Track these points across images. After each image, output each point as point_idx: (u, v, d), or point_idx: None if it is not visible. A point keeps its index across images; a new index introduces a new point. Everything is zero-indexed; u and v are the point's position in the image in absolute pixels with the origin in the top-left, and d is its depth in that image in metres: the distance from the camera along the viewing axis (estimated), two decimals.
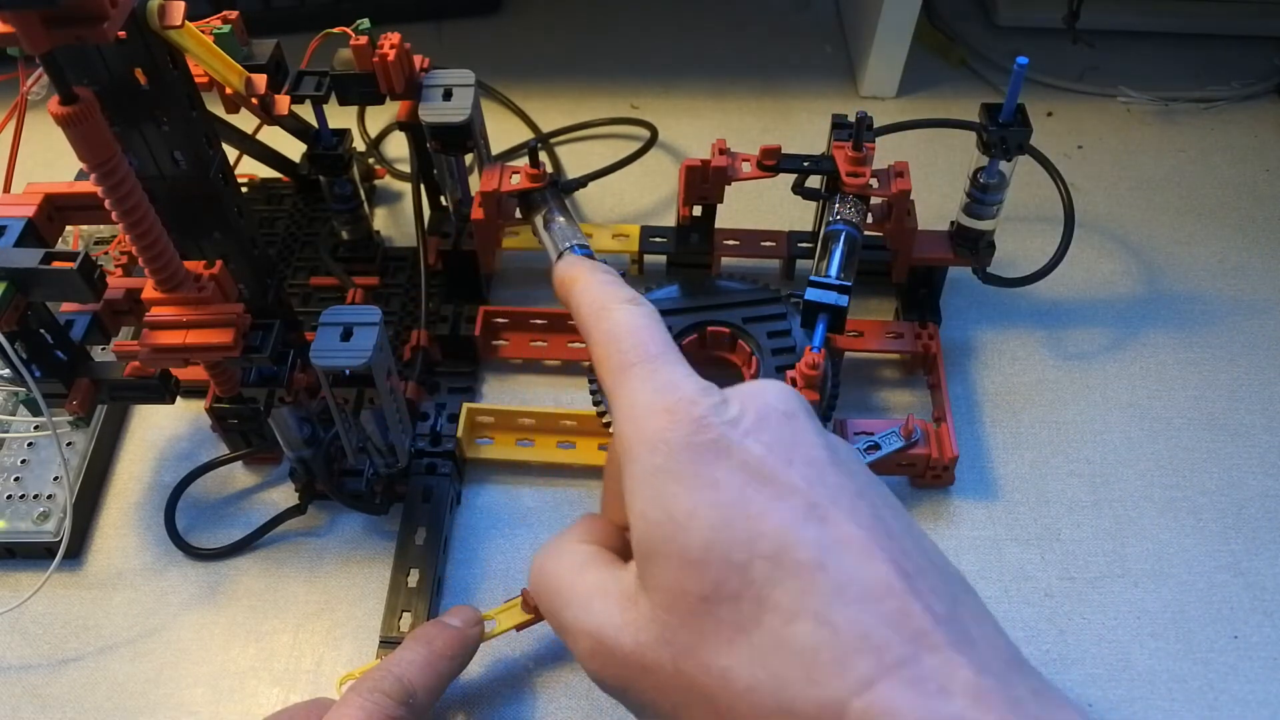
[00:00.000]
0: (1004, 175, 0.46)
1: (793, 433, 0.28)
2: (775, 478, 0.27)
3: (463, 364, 0.51)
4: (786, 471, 0.27)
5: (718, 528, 0.26)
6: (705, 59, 0.69)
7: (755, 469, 0.27)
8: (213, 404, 0.44)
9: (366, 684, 0.35)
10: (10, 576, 0.45)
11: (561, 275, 0.37)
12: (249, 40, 0.44)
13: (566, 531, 0.33)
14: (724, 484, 0.27)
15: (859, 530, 0.26)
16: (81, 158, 0.33)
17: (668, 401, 0.28)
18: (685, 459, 0.27)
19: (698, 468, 0.27)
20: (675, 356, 0.31)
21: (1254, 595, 0.43)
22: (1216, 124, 0.64)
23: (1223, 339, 0.53)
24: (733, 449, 0.27)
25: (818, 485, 0.27)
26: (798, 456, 0.27)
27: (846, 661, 0.24)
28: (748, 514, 0.26)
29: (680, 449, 0.27)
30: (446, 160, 0.49)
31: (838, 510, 0.26)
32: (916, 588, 0.25)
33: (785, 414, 0.29)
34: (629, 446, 0.29)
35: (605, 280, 0.35)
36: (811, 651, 0.24)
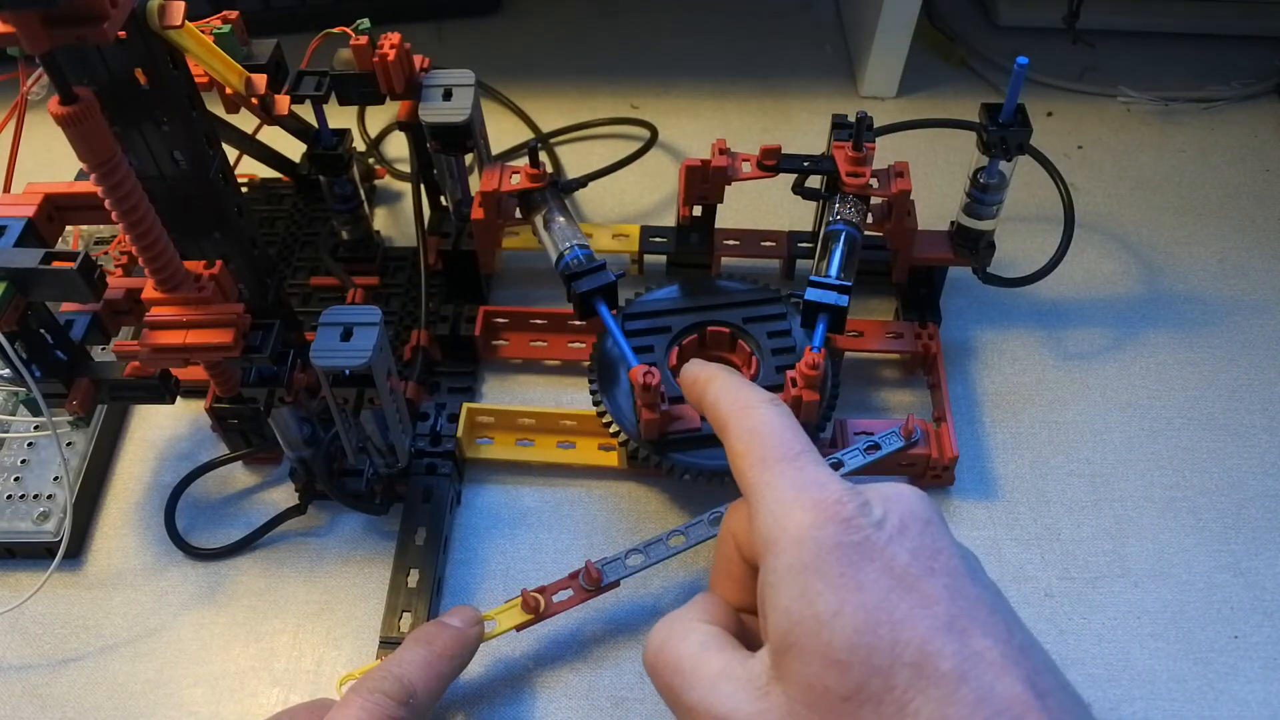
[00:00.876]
0: (1004, 175, 0.46)
1: (933, 540, 0.29)
2: (919, 586, 0.28)
3: (463, 364, 0.51)
4: (929, 580, 0.28)
5: (863, 630, 0.27)
6: (705, 59, 0.69)
7: (900, 575, 0.28)
8: (213, 404, 0.44)
9: (367, 684, 0.35)
10: (10, 576, 0.45)
11: (695, 375, 0.38)
12: (249, 40, 0.44)
13: (685, 609, 0.33)
14: (870, 587, 0.27)
15: (996, 645, 0.27)
16: (81, 158, 0.33)
17: (815, 499, 0.30)
18: (833, 558, 0.28)
19: (845, 568, 0.28)
20: (817, 457, 0.32)
21: (1254, 595, 0.43)
22: (1216, 124, 0.64)
23: (1223, 339, 0.53)
24: (879, 552, 0.28)
25: (958, 597, 0.28)
26: (939, 566, 0.28)
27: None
28: (892, 619, 0.27)
29: (828, 548, 0.28)
30: (446, 160, 0.49)
31: (975, 624, 0.27)
32: (1049, 706, 0.26)
33: (926, 520, 0.30)
34: (772, 540, 0.29)
35: (743, 381, 0.37)
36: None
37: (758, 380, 0.45)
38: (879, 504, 0.30)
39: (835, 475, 0.31)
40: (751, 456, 0.32)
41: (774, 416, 0.34)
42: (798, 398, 0.42)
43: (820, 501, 0.29)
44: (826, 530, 0.29)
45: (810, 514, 0.29)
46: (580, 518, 0.46)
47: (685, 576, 0.44)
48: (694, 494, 0.44)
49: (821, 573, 0.28)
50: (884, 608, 0.27)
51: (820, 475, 0.31)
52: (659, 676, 0.32)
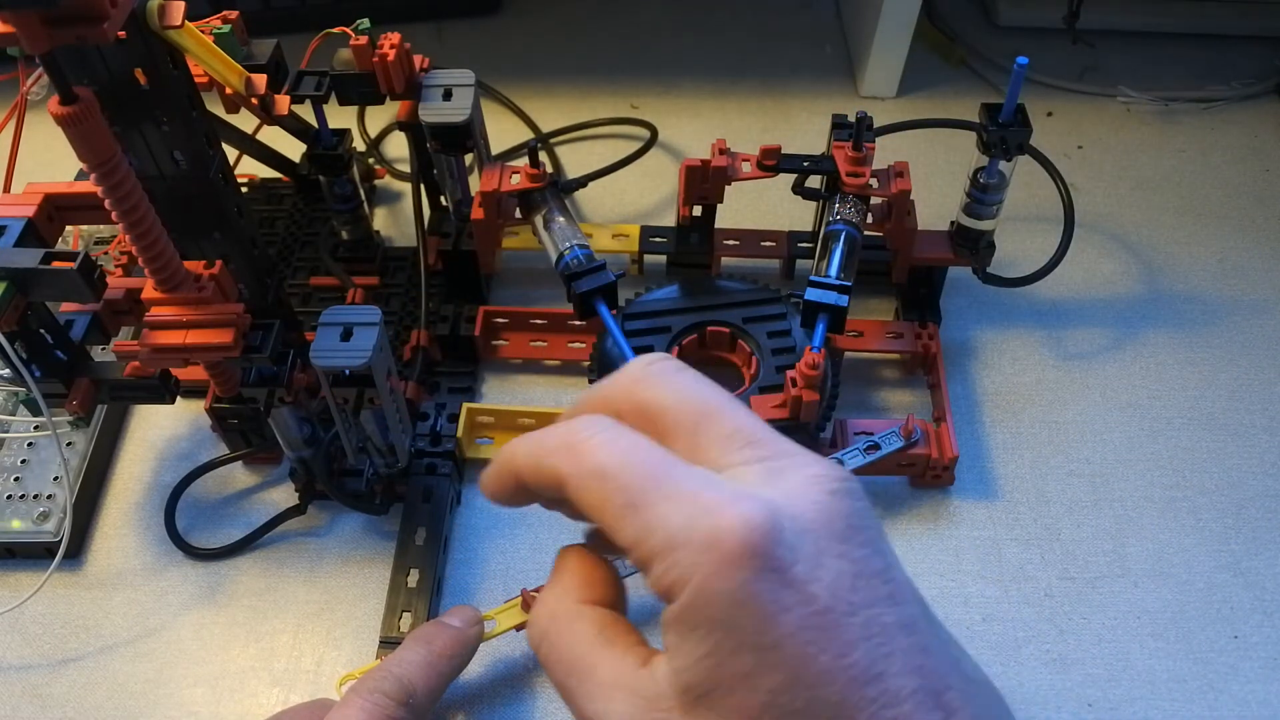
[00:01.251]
0: (1004, 175, 0.46)
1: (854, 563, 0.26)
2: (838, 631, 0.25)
3: (463, 364, 0.51)
4: (848, 622, 0.25)
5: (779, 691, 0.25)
6: (705, 59, 0.69)
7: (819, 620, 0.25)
8: (213, 404, 0.44)
9: (367, 684, 0.35)
10: (10, 576, 0.45)
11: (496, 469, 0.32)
12: (249, 40, 0.44)
13: (564, 585, 0.30)
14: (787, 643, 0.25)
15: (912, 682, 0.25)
16: (81, 158, 0.33)
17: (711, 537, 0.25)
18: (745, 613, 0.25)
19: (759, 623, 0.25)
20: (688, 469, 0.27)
21: (1254, 595, 0.43)
22: (1216, 124, 0.64)
23: (1223, 339, 0.53)
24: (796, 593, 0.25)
25: (874, 634, 0.26)
26: (859, 598, 0.26)
27: None
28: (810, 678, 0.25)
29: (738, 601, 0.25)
30: (446, 160, 0.49)
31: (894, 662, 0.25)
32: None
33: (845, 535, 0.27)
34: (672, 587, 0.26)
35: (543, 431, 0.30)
36: None
37: (757, 380, 0.45)
38: (790, 527, 0.26)
39: (722, 484, 0.26)
40: (612, 507, 0.26)
41: (612, 441, 0.27)
42: (798, 397, 0.42)
43: (717, 539, 0.25)
44: (736, 574, 0.25)
45: (711, 556, 0.25)
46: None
47: None
48: None
49: (735, 630, 0.25)
50: (803, 663, 0.25)
51: (707, 495, 0.26)
52: (552, 673, 0.29)
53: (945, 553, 0.45)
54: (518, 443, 0.30)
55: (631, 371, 0.30)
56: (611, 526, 0.27)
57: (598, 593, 0.30)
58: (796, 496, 0.26)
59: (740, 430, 0.28)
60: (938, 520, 0.46)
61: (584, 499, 0.27)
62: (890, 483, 0.47)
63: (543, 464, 0.29)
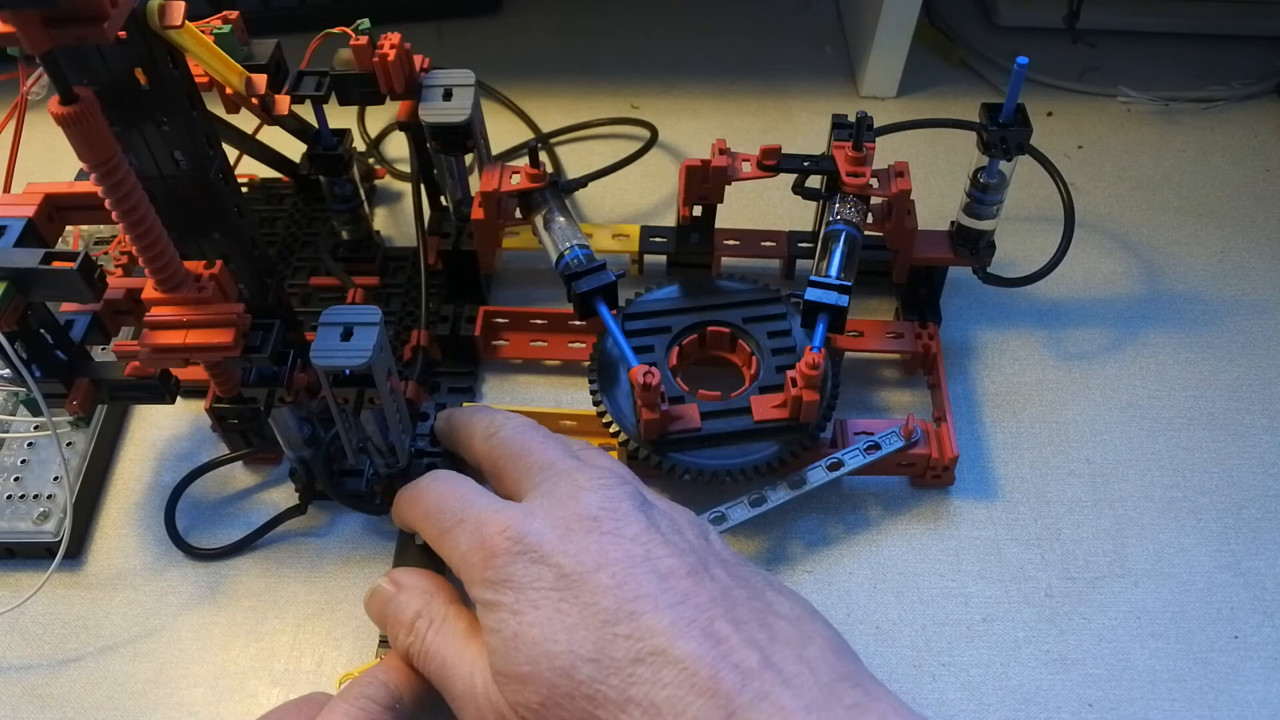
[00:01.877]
0: (1004, 175, 0.46)
1: (599, 537, 0.32)
2: (586, 583, 0.31)
3: (463, 364, 0.51)
4: (596, 576, 0.31)
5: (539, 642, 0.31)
6: (705, 59, 0.69)
7: (569, 580, 0.31)
8: (213, 404, 0.44)
9: (354, 690, 0.35)
10: (10, 576, 0.45)
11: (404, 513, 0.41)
12: (249, 40, 0.44)
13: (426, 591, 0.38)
14: (540, 603, 0.31)
15: (668, 615, 0.30)
16: (81, 158, 0.33)
17: (472, 556, 0.34)
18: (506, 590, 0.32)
19: (516, 593, 0.32)
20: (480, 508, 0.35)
21: (1254, 595, 0.43)
22: (1216, 124, 0.64)
23: (1223, 339, 0.53)
24: (547, 565, 0.32)
25: (629, 580, 0.31)
26: (608, 557, 0.31)
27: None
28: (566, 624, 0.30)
29: (500, 582, 0.32)
30: (446, 160, 0.49)
31: (646, 602, 0.30)
32: (730, 649, 0.29)
33: (592, 518, 0.33)
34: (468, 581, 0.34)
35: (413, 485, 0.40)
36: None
37: (758, 380, 0.45)
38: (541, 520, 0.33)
39: (502, 506, 0.35)
40: (434, 538, 0.37)
41: (437, 486, 0.38)
42: (798, 398, 0.42)
43: (484, 542, 0.33)
44: (494, 569, 0.32)
45: (481, 556, 0.33)
46: None
47: None
48: (694, 494, 0.44)
49: (499, 606, 0.32)
50: (557, 618, 0.31)
51: (485, 515, 0.34)
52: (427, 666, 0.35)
53: (945, 553, 0.45)
54: (403, 490, 0.40)
55: (489, 425, 0.40)
56: (441, 553, 0.36)
57: (452, 593, 0.37)
58: (558, 498, 0.34)
59: (539, 463, 0.36)
60: (938, 520, 0.46)
61: (424, 534, 0.37)
62: (890, 483, 0.47)
63: (403, 514, 0.40)
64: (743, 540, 0.45)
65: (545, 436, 0.39)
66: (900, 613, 0.43)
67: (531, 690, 0.30)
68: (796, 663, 0.29)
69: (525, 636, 0.31)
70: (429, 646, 0.35)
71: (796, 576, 0.44)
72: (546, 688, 0.30)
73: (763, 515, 0.43)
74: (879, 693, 0.29)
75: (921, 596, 0.43)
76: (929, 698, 0.40)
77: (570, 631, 0.30)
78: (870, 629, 0.42)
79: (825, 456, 0.44)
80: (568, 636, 0.30)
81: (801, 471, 0.44)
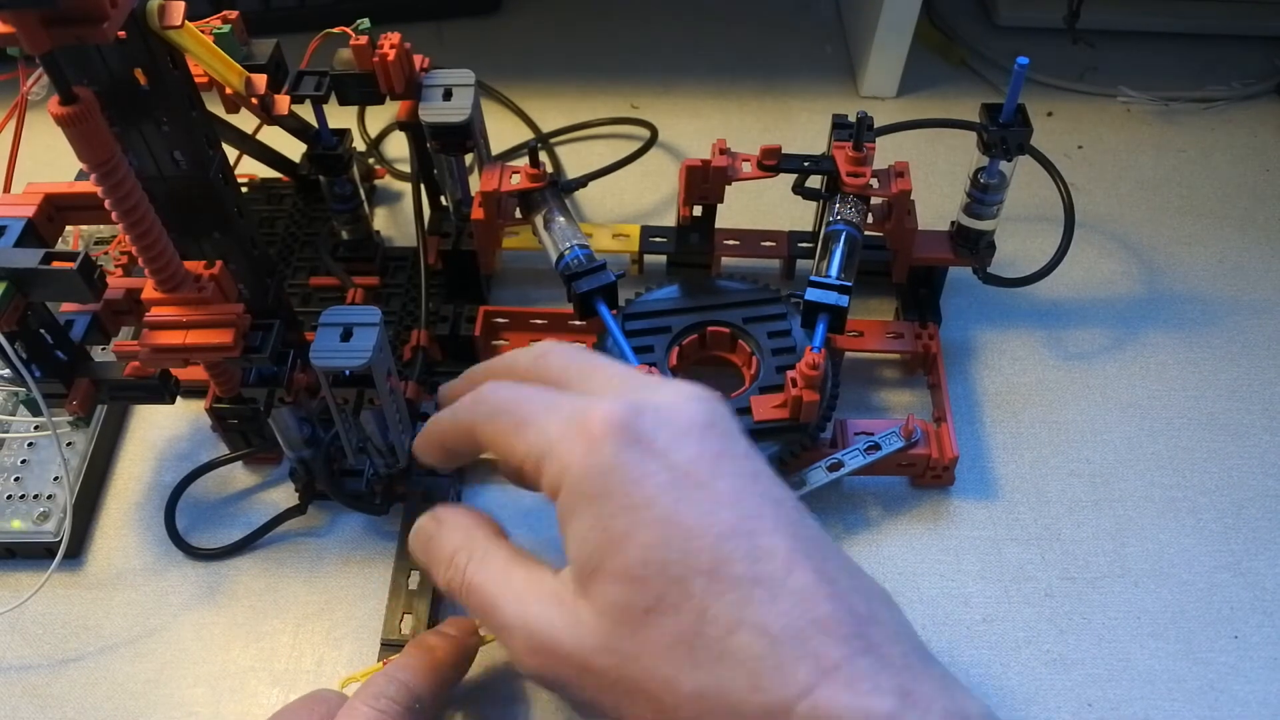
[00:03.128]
0: (1004, 175, 0.46)
1: (715, 444, 0.30)
2: (704, 491, 0.28)
3: (463, 364, 0.50)
4: (714, 485, 0.29)
5: (655, 546, 0.28)
6: (705, 59, 0.69)
7: (684, 482, 0.28)
8: (213, 404, 0.44)
9: (372, 689, 0.35)
10: (10, 576, 0.45)
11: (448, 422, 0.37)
12: (249, 40, 0.44)
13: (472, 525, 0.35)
14: (656, 501, 0.28)
15: (784, 541, 0.28)
16: (81, 158, 0.33)
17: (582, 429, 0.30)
18: (616, 481, 0.29)
19: (629, 487, 0.28)
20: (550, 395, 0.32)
21: (1254, 595, 0.43)
22: (1216, 124, 0.64)
23: (1223, 339, 0.53)
24: (660, 461, 0.29)
25: (745, 498, 0.29)
26: (723, 469, 0.29)
27: (787, 669, 0.26)
28: (683, 531, 0.28)
29: (608, 471, 0.29)
30: (446, 160, 0.49)
31: (763, 523, 0.28)
32: (840, 592, 0.27)
33: (706, 425, 0.30)
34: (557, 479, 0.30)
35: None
36: (754, 660, 0.26)
37: (758, 380, 0.45)
38: (651, 415, 0.30)
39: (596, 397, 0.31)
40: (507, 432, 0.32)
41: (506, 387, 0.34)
42: (798, 398, 0.42)
43: (587, 427, 0.29)
44: (603, 451, 0.29)
45: (582, 440, 0.29)
46: None
47: None
48: None
49: (608, 497, 0.28)
50: (674, 520, 0.28)
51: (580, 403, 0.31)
52: (470, 601, 0.33)
53: (945, 553, 0.45)
54: (439, 414, 0.36)
55: (532, 351, 0.36)
56: (509, 449, 0.32)
57: (494, 528, 0.35)
58: (663, 398, 0.31)
59: (620, 374, 0.33)
60: (938, 520, 0.46)
61: (488, 435, 0.33)
62: (890, 483, 0.47)
63: (458, 420, 0.35)
64: None
65: (607, 357, 0.35)
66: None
67: (638, 593, 0.28)
68: (893, 623, 0.29)
69: (638, 538, 0.28)
70: (470, 579, 0.33)
71: None
72: (654, 596, 0.27)
73: None
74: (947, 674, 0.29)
75: (921, 597, 0.43)
76: None
77: (687, 538, 0.27)
78: None
79: (825, 457, 0.44)
80: (684, 544, 0.27)
81: (801, 472, 0.44)
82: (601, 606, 0.28)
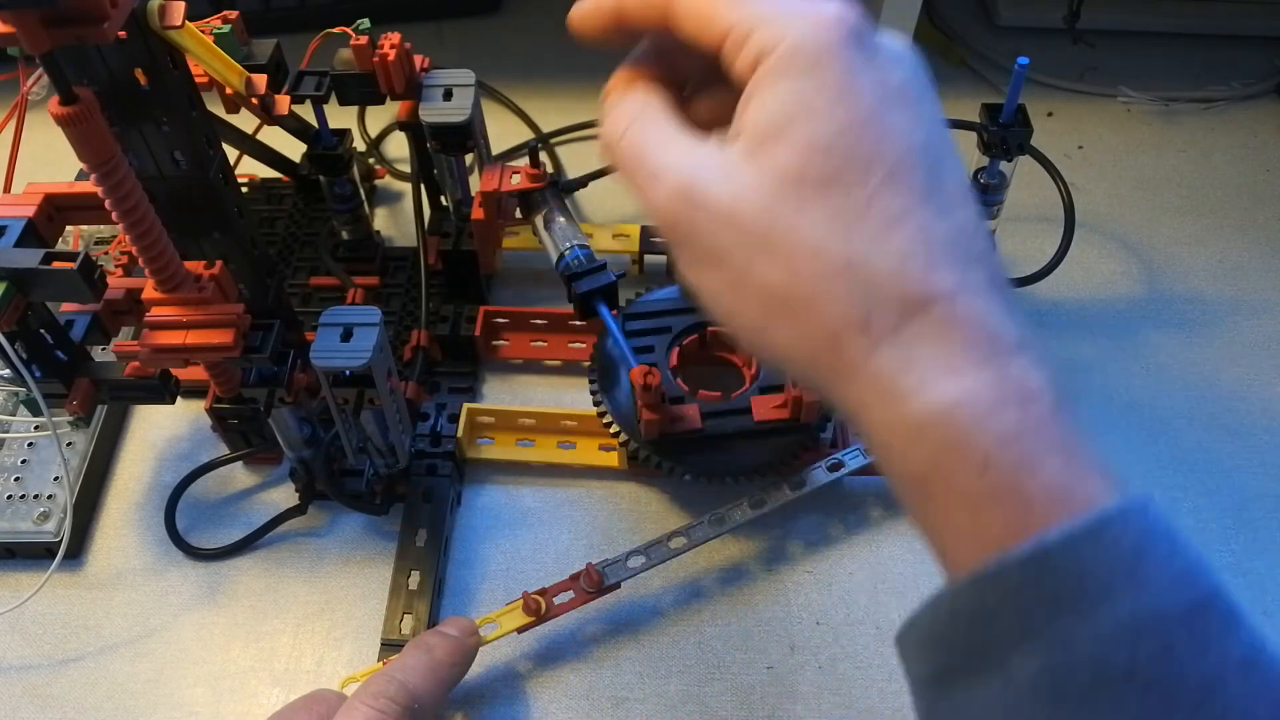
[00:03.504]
0: (1004, 175, 0.46)
1: (925, 82, 0.30)
2: (909, 109, 0.29)
3: (463, 364, 0.51)
4: (917, 107, 0.29)
5: (853, 127, 0.28)
6: None
7: (895, 95, 0.29)
8: (213, 404, 0.44)
9: (371, 689, 0.35)
10: (10, 576, 0.45)
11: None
12: (249, 40, 0.44)
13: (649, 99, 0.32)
14: (866, 95, 0.28)
15: (960, 178, 0.29)
16: (81, 158, 0.33)
17: (815, 10, 0.29)
18: (835, 61, 0.28)
19: (845, 73, 0.28)
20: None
21: (1254, 595, 0.43)
22: (1216, 124, 0.64)
23: (1223, 339, 0.53)
24: (878, 70, 0.29)
25: (937, 125, 0.30)
26: (927, 95, 0.30)
27: (936, 271, 0.26)
28: (881, 128, 0.28)
29: (831, 51, 0.28)
30: (446, 160, 0.49)
31: (949, 159, 0.29)
32: (989, 245, 0.28)
33: (920, 65, 0.31)
34: (770, 46, 0.28)
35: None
36: (908, 254, 0.27)
37: (758, 380, 0.45)
38: (878, 34, 0.30)
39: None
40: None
41: None
42: (798, 398, 0.42)
43: (818, 12, 0.29)
44: (831, 34, 0.28)
45: (811, 20, 0.28)
46: (581, 518, 0.46)
47: (685, 576, 0.44)
48: (694, 494, 0.44)
49: (821, 74, 0.28)
50: (876, 116, 0.28)
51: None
52: (619, 152, 0.31)
53: None
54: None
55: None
56: (713, 14, 0.29)
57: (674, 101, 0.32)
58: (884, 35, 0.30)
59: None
60: None
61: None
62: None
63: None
64: (743, 540, 0.45)
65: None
66: (901, 613, 0.43)
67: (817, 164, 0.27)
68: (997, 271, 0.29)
69: (836, 116, 0.28)
70: (630, 135, 0.31)
71: (796, 576, 0.44)
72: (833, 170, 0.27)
73: (763, 515, 0.43)
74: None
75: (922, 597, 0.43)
76: None
77: (881, 136, 0.28)
78: (871, 629, 0.42)
79: (826, 457, 0.44)
80: (877, 137, 0.28)
81: (802, 472, 0.44)
82: (772, 168, 0.28)
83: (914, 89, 0.30)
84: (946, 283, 0.26)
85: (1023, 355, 0.26)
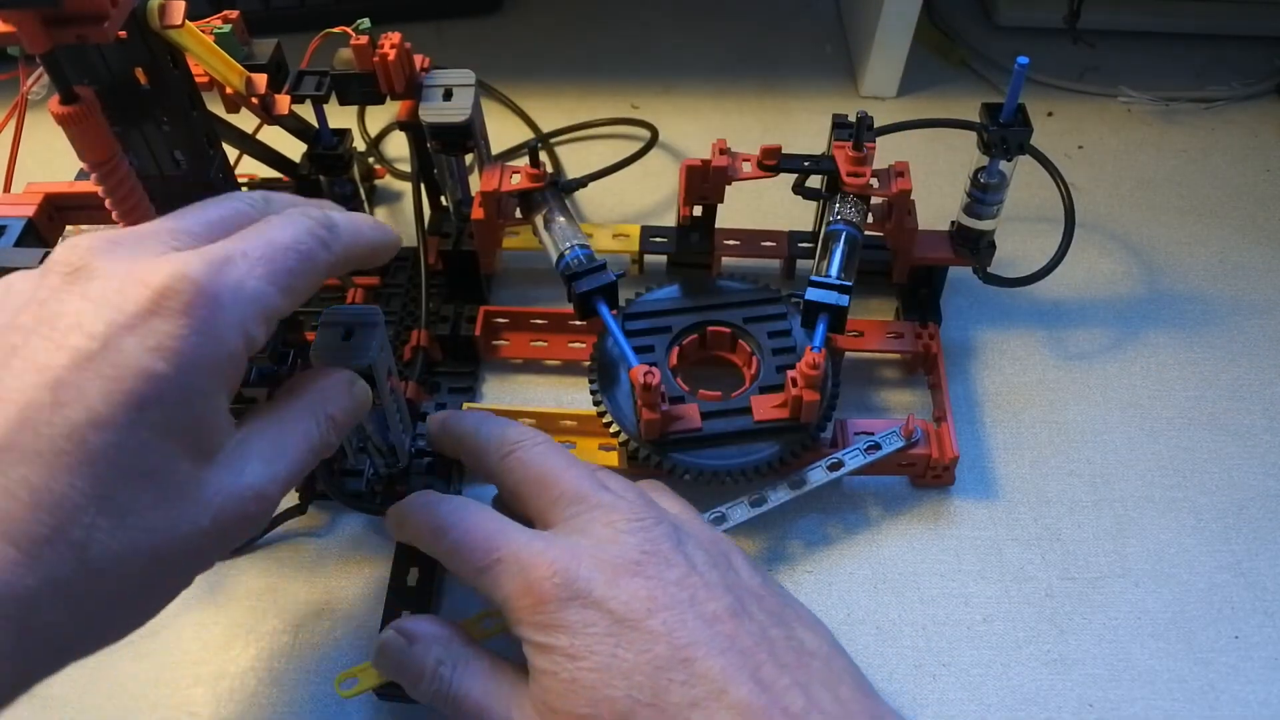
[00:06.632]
0: (1004, 175, 0.46)
1: (649, 581, 0.33)
2: (639, 629, 0.32)
3: (463, 364, 0.51)
4: (649, 622, 0.32)
5: (597, 688, 0.32)
6: (705, 59, 0.69)
7: (620, 623, 0.32)
8: None
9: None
10: None
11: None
12: (249, 40, 0.44)
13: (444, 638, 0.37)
14: (595, 650, 0.32)
15: (719, 660, 0.32)
16: (81, 158, 0.33)
17: (525, 587, 0.34)
18: (557, 632, 0.33)
19: (571, 640, 0.32)
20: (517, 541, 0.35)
21: (1255, 595, 0.43)
22: (1216, 124, 0.64)
23: (1223, 339, 0.53)
24: (596, 606, 0.33)
25: (679, 629, 0.32)
26: (657, 604, 0.33)
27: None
28: (622, 672, 0.32)
29: (548, 626, 0.33)
30: (446, 160, 0.49)
31: (699, 648, 0.32)
32: (776, 696, 0.31)
33: (638, 561, 0.34)
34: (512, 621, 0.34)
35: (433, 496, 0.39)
36: None
37: (758, 380, 0.45)
38: (589, 562, 0.34)
39: (538, 542, 0.35)
40: (469, 575, 0.36)
41: (462, 519, 0.36)
42: (798, 397, 0.42)
43: (530, 587, 0.33)
44: (546, 610, 0.33)
45: (529, 600, 0.33)
46: None
47: None
48: (694, 494, 0.44)
49: (553, 651, 0.33)
50: (613, 664, 0.32)
51: (524, 555, 0.34)
52: (455, 708, 0.35)
53: (945, 553, 0.45)
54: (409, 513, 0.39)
55: (495, 447, 0.39)
56: (476, 589, 0.36)
57: (467, 635, 0.37)
58: (598, 539, 0.35)
59: (569, 493, 0.37)
60: (938, 520, 0.46)
61: (453, 569, 0.37)
62: (890, 483, 0.47)
63: (425, 543, 0.38)
64: (743, 540, 0.45)
65: (569, 462, 0.38)
66: (901, 613, 0.43)
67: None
68: (834, 703, 0.32)
69: (584, 681, 0.32)
70: (456, 690, 0.35)
71: (796, 576, 0.44)
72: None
73: (763, 515, 0.43)
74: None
75: (922, 597, 0.43)
76: (929, 698, 0.40)
77: (627, 676, 0.31)
78: (871, 629, 0.42)
79: (825, 456, 0.44)
80: (625, 681, 0.31)
81: (802, 471, 0.44)
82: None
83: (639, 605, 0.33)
84: None
85: None
